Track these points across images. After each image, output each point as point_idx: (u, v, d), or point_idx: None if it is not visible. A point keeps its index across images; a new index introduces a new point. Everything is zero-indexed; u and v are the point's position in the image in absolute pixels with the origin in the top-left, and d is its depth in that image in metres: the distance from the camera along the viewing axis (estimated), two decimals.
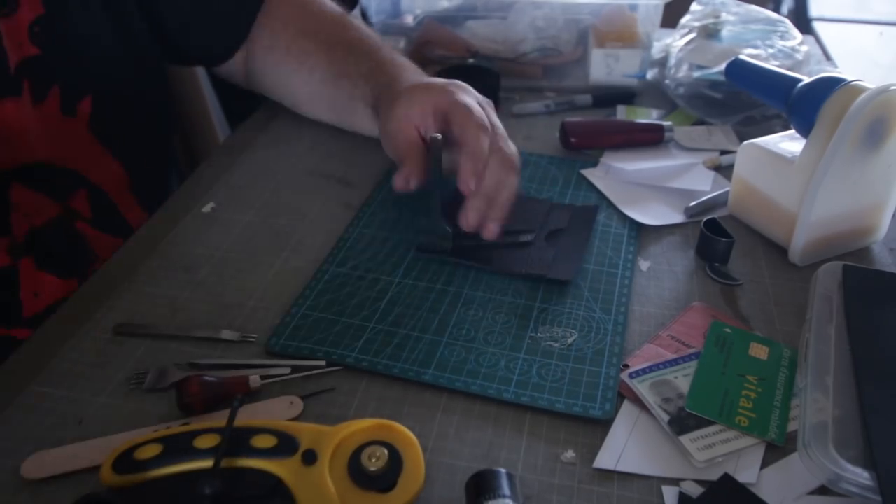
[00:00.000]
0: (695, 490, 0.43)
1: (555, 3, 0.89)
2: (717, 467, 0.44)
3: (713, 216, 0.64)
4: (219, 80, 1.12)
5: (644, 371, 0.50)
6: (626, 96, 0.90)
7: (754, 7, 0.92)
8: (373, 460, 0.40)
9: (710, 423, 0.46)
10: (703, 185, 0.71)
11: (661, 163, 0.75)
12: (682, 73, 0.84)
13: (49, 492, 0.43)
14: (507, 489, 0.38)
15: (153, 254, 0.62)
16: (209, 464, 0.40)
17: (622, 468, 0.44)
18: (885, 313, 0.52)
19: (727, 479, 0.43)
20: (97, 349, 0.52)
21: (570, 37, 0.91)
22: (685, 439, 0.45)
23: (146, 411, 0.47)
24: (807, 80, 0.61)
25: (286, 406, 0.48)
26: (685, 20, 0.92)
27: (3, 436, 0.46)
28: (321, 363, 0.51)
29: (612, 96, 0.89)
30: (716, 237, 0.61)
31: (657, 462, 0.45)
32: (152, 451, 0.41)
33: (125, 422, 0.46)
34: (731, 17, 0.90)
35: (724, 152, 0.77)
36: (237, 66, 0.78)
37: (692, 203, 0.68)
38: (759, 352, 0.52)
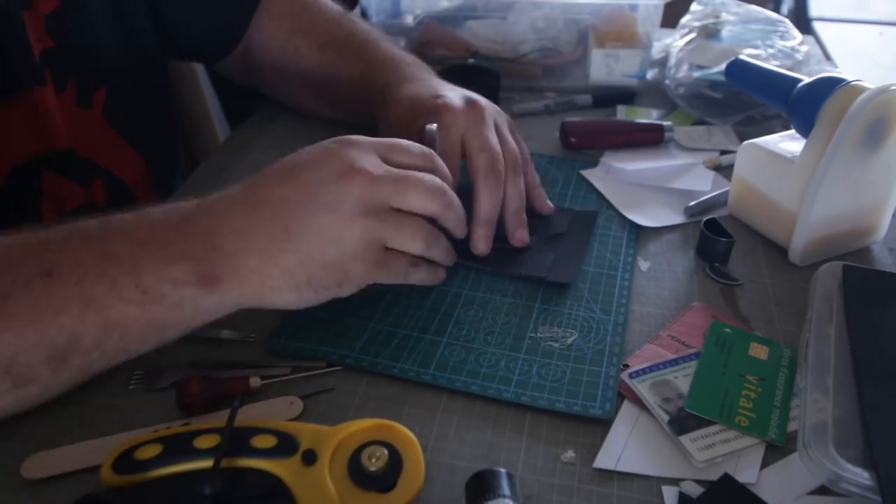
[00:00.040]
0: (695, 490, 0.43)
1: (555, 3, 0.89)
2: (717, 467, 0.44)
3: (713, 216, 0.64)
4: (219, 80, 1.12)
5: (644, 371, 0.50)
6: (626, 96, 0.90)
7: (754, 7, 0.92)
8: (373, 460, 0.40)
9: (710, 423, 0.46)
10: (703, 185, 0.71)
11: (661, 163, 0.75)
12: (682, 73, 0.84)
13: (49, 492, 0.42)
14: (507, 489, 0.38)
15: None
16: (209, 464, 0.40)
17: (622, 468, 0.44)
18: (885, 313, 0.52)
19: (727, 479, 0.43)
20: None
21: (570, 37, 0.91)
22: (685, 439, 0.45)
23: (146, 411, 0.47)
24: (807, 80, 0.61)
25: (286, 406, 0.48)
26: (685, 20, 0.92)
27: (3, 436, 0.45)
28: (321, 363, 0.51)
29: (612, 96, 0.89)
30: (716, 237, 0.61)
31: (657, 462, 0.45)
32: (152, 451, 0.41)
33: (125, 422, 0.46)
34: (731, 17, 0.90)
35: (724, 152, 0.77)
36: (237, 63, 0.78)
37: (692, 203, 0.68)
38: (759, 352, 0.52)
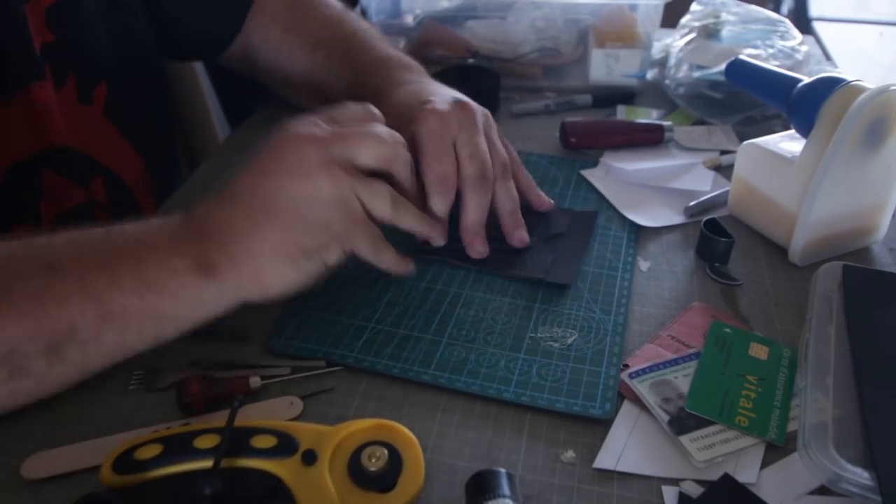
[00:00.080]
0: (695, 490, 0.43)
1: (555, 3, 0.89)
2: (717, 467, 0.44)
3: (713, 216, 0.64)
4: (219, 81, 1.12)
5: (644, 371, 0.50)
6: (626, 96, 0.90)
7: (754, 7, 0.92)
8: (373, 460, 0.40)
9: (710, 423, 0.46)
10: (703, 185, 0.71)
11: (661, 163, 0.75)
12: (682, 73, 0.84)
13: (49, 492, 0.43)
14: (507, 489, 0.38)
15: None
16: (209, 464, 0.40)
17: (622, 468, 0.44)
18: (885, 313, 0.52)
19: (727, 479, 0.43)
20: None
21: (569, 37, 0.91)
22: (685, 439, 0.45)
23: (146, 411, 0.47)
24: (807, 80, 0.61)
25: (286, 406, 0.48)
26: (685, 20, 0.92)
27: (3, 436, 0.45)
28: (321, 363, 0.51)
29: (612, 96, 0.89)
30: (716, 237, 0.61)
31: (657, 462, 0.45)
32: (152, 451, 0.41)
33: (125, 422, 0.46)
34: (731, 17, 0.90)
35: (724, 152, 0.77)
36: (239, 57, 0.78)
37: (692, 203, 0.68)
38: (759, 352, 0.52)
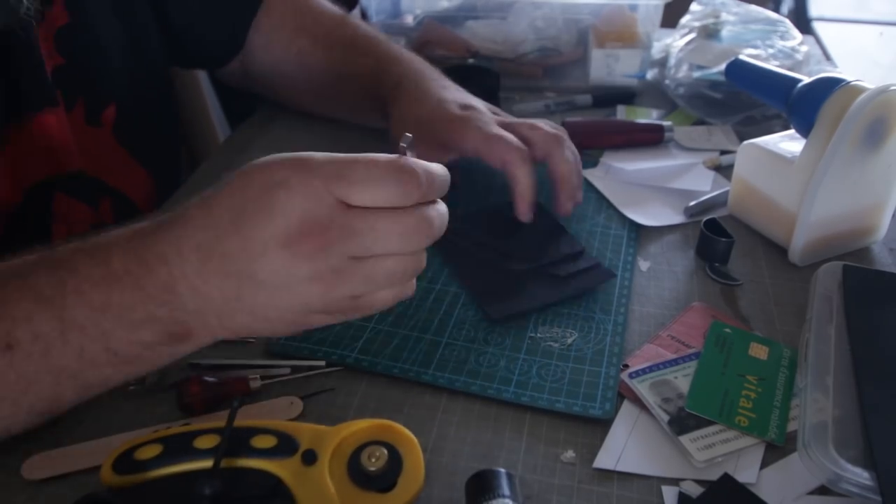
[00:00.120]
0: (695, 490, 0.43)
1: (555, 3, 0.89)
2: (716, 467, 0.44)
3: (713, 216, 0.64)
4: (219, 81, 1.12)
5: (644, 371, 0.50)
6: (626, 96, 0.90)
7: (754, 7, 0.92)
8: (372, 460, 0.40)
9: (710, 423, 0.46)
10: (703, 185, 0.71)
11: (661, 163, 0.75)
12: (682, 73, 0.84)
13: (49, 492, 0.43)
14: (506, 489, 0.38)
15: None
16: (209, 464, 0.40)
17: (622, 468, 0.44)
18: (885, 313, 0.52)
19: (727, 479, 0.43)
20: None
21: (570, 37, 0.91)
22: (685, 439, 0.45)
23: (146, 411, 0.47)
24: (807, 80, 0.61)
25: (286, 406, 0.48)
26: (685, 20, 0.92)
27: None
28: (321, 363, 0.51)
29: (612, 96, 0.89)
30: (716, 237, 0.61)
31: (657, 462, 0.45)
32: (152, 452, 0.41)
33: (125, 422, 0.46)
34: (731, 17, 0.90)
35: (724, 152, 0.77)
36: (234, 65, 0.78)
37: (692, 203, 0.68)
38: (759, 352, 0.52)
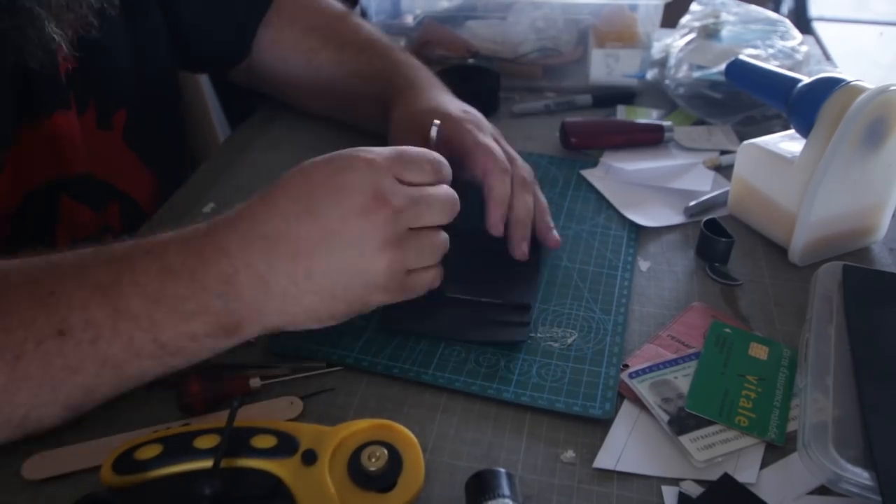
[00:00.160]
0: (695, 490, 0.43)
1: (555, 3, 0.89)
2: (716, 467, 0.44)
3: (713, 216, 0.64)
4: (219, 80, 1.12)
5: (644, 371, 0.50)
6: (626, 96, 0.90)
7: (754, 7, 0.92)
8: (373, 460, 0.40)
9: (710, 423, 0.46)
10: (703, 185, 0.71)
11: (661, 163, 0.75)
12: (682, 73, 0.84)
13: (49, 492, 0.43)
14: (506, 489, 0.38)
15: None
16: (209, 464, 0.40)
17: (622, 468, 0.44)
18: (885, 313, 0.52)
19: (727, 479, 0.43)
20: None
21: (570, 37, 0.91)
22: (685, 439, 0.45)
23: (146, 411, 0.47)
24: (807, 80, 0.61)
25: (286, 406, 0.48)
26: (685, 20, 0.92)
27: None
28: (321, 363, 0.51)
29: (612, 96, 0.89)
30: (716, 237, 0.61)
31: (657, 462, 0.45)
32: (152, 452, 0.41)
33: (125, 422, 0.46)
34: (731, 17, 0.90)
35: (724, 152, 0.77)
36: (245, 66, 0.78)
37: (692, 203, 0.68)
38: (759, 352, 0.52)
